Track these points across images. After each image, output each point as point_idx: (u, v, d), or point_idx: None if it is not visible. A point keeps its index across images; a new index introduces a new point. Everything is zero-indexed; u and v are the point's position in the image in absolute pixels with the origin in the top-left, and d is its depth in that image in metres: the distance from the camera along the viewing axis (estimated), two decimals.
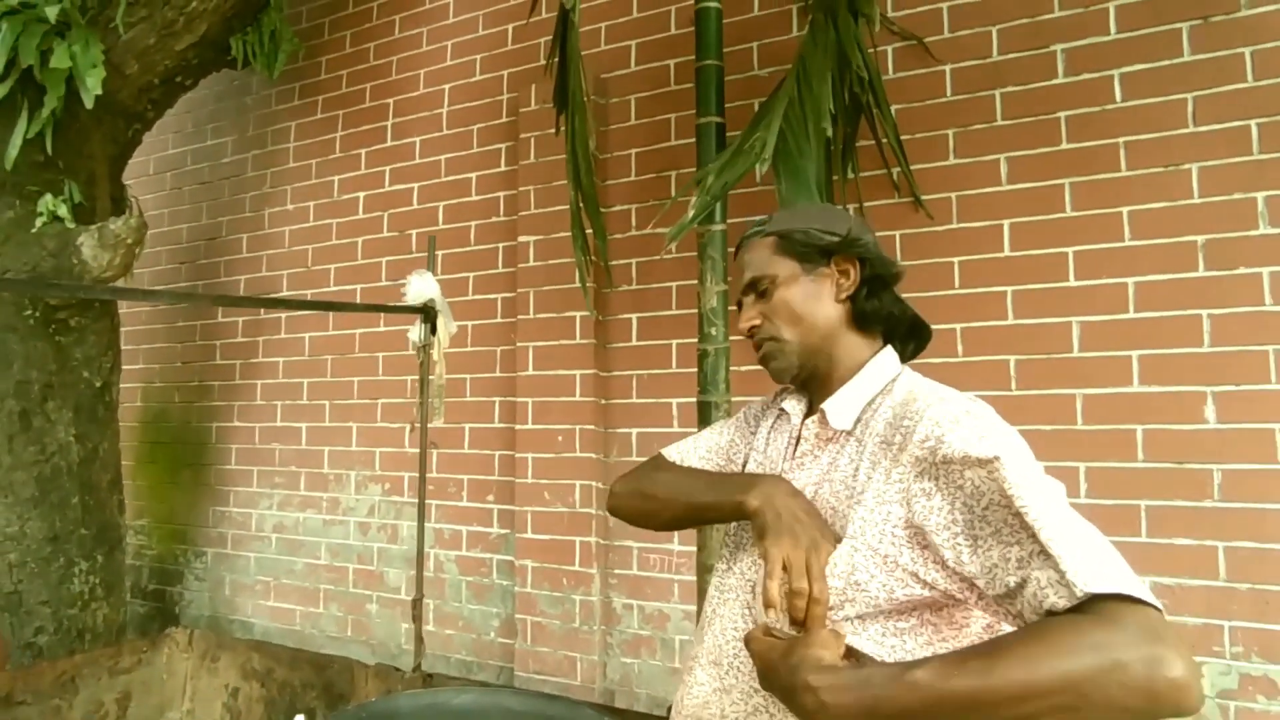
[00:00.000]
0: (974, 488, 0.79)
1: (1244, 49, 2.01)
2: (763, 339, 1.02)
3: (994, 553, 0.76)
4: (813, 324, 0.99)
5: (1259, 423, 1.93)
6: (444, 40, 3.26)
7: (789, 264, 1.01)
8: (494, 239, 3.05)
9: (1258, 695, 1.89)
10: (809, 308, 0.99)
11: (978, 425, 0.83)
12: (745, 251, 1.07)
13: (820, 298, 1.00)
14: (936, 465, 0.82)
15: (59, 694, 1.73)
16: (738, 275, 1.08)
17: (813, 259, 1.00)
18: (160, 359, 3.85)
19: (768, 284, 1.02)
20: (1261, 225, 1.97)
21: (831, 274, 1.00)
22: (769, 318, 1.01)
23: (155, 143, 3.82)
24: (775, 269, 1.01)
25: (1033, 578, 0.72)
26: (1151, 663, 0.62)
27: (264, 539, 3.48)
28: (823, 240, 0.99)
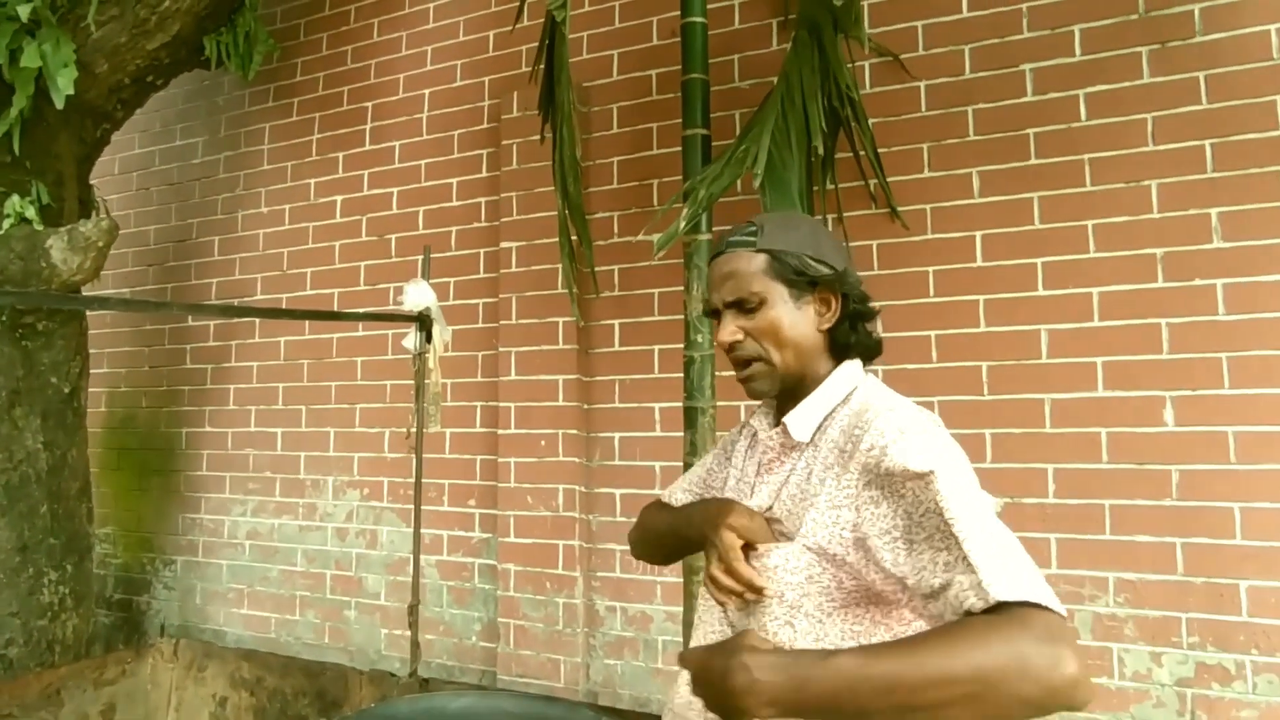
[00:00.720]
0: (914, 497, 0.85)
1: (1199, 73, 2.13)
2: (745, 357, 1.03)
3: (924, 556, 0.83)
4: (796, 350, 1.01)
5: (1214, 425, 2.05)
6: (424, 45, 3.26)
7: (778, 287, 1.01)
8: (475, 244, 3.06)
9: (1213, 683, 2.00)
10: (795, 334, 1.01)
11: (919, 439, 0.89)
12: (730, 261, 1.04)
13: (804, 325, 1.02)
14: (880, 475, 0.88)
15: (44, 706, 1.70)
16: (715, 284, 1.05)
17: (801, 287, 1.01)
18: (127, 363, 3.77)
19: (755, 304, 1.01)
20: (1215, 240, 2.09)
21: (814, 303, 1.03)
22: (753, 336, 1.02)
23: (121, 142, 3.74)
24: (765, 290, 1.01)
25: (955, 581, 0.79)
26: (1052, 660, 0.70)
27: (237, 546, 3.43)
28: (814, 272, 1.01)
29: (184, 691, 1.91)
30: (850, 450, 0.93)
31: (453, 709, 1.55)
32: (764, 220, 1.06)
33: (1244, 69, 2.09)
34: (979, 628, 0.74)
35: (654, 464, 2.67)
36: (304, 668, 1.83)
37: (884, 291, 2.38)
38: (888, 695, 0.73)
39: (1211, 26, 2.13)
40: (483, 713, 1.55)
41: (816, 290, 1.02)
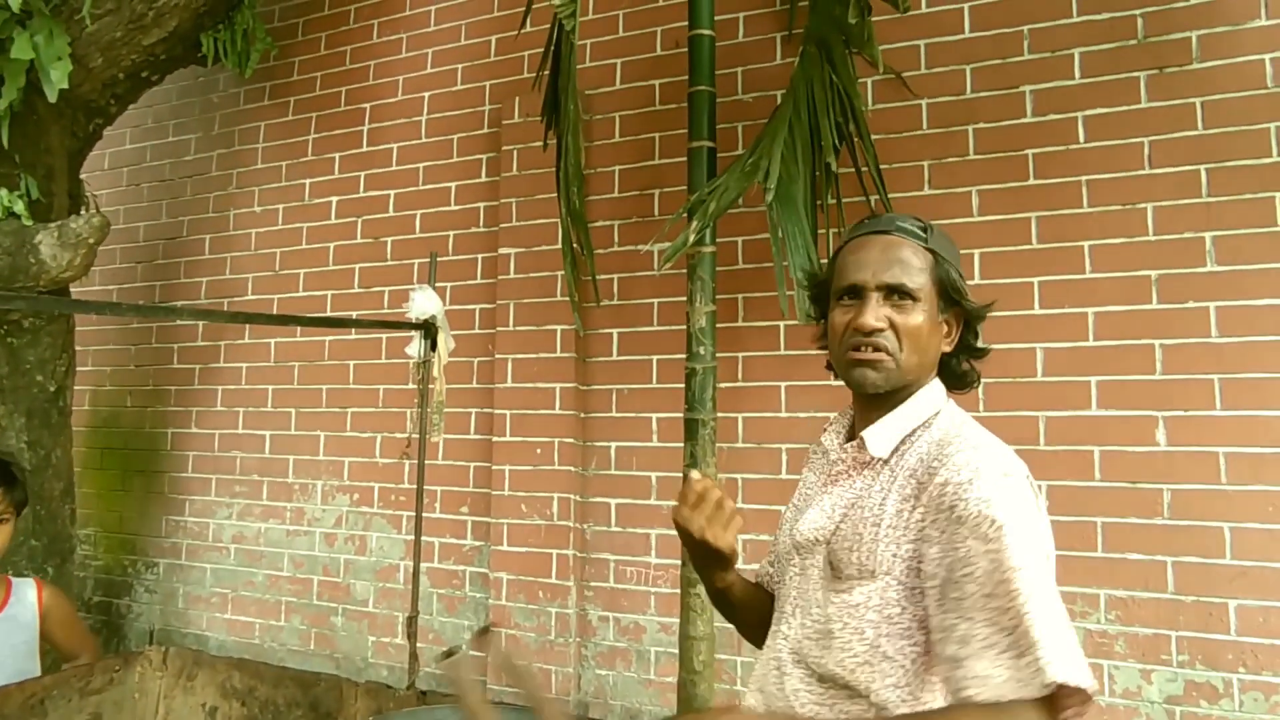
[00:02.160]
0: (965, 553, 0.85)
1: (1195, 99, 2.17)
2: (879, 346, 0.97)
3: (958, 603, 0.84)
4: (922, 361, 0.99)
5: (1205, 446, 2.08)
6: (424, 48, 3.24)
7: (931, 293, 0.99)
8: (473, 250, 3.04)
9: (1201, 700, 2.03)
10: (928, 344, 0.99)
11: (990, 488, 0.87)
12: (897, 247, 1.00)
13: (936, 338, 1.00)
14: (942, 514, 0.88)
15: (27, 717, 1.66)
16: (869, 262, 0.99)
17: (946, 301, 1.00)
18: (113, 361, 3.71)
19: (911, 300, 0.97)
20: (1209, 263, 2.13)
21: (948, 318, 1.01)
22: (896, 330, 0.97)
23: (112, 137, 3.67)
24: (923, 289, 0.98)
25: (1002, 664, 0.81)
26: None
27: (222, 549, 3.38)
28: (964, 290, 1.00)
29: (172, 700, 1.88)
30: (925, 481, 0.92)
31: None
32: (927, 222, 1.04)
33: (1239, 96, 2.13)
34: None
35: (650, 474, 2.67)
36: (297, 678, 1.80)
37: None
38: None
39: (1209, 54, 2.17)
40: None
41: (952, 310, 1.01)
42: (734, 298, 2.59)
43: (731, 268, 2.59)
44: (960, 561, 0.84)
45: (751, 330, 2.57)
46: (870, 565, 0.93)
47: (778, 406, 2.53)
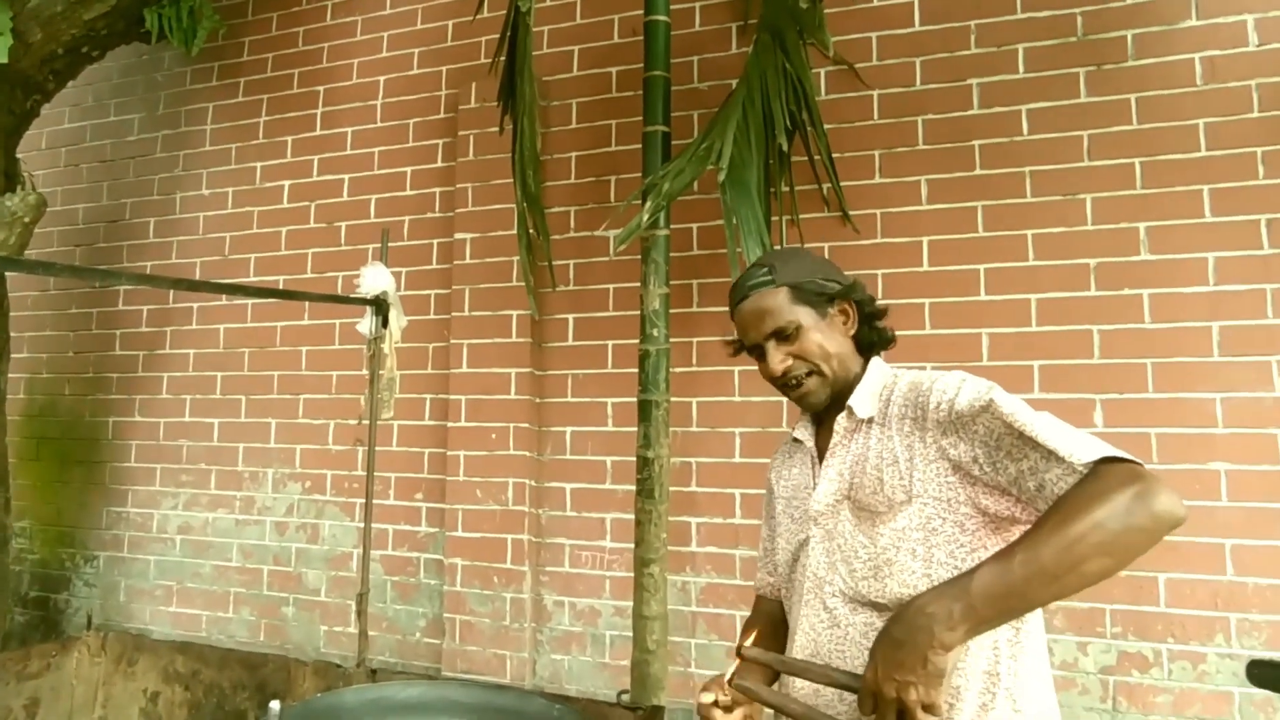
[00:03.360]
0: (985, 428, 1.00)
1: (1130, 95, 2.26)
2: (798, 376, 1.15)
3: (1011, 468, 0.97)
4: (839, 358, 1.15)
5: (1139, 427, 2.17)
6: (380, 31, 3.20)
7: (807, 311, 1.14)
8: (428, 235, 3.01)
9: (1133, 670, 2.12)
10: (832, 345, 1.15)
11: (970, 385, 1.05)
12: (756, 302, 1.16)
13: (835, 335, 1.16)
14: (952, 422, 1.03)
15: None
16: (749, 325, 1.16)
17: (822, 305, 1.15)
18: (49, 348, 3.58)
19: (793, 330, 1.14)
20: (1143, 252, 2.22)
21: (836, 315, 1.17)
22: (800, 358, 1.14)
23: (50, 115, 3.53)
24: (797, 316, 1.14)
25: (1047, 478, 0.93)
26: (1144, 493, 0.85)
27: (167, 541, 3.28)
28: (830, 289, 1.16)
29: (112, 686, 1.82)
30: (921, 416, 1.06)
31: (401, 698, 1.52)
32: (771, 259, 1.21)
33: (1171, 93, 2.23)
34: (1076, 493, 0.88)
35: (606, 459, 2.67)
36: (243, 660, 1.77)
37: None
38: (1034, 581, 0.86)
39: (1143, 52, 2.27)
40: (432, 702, 1.53)
41: (835, 304, 1.17)
42: (688, 283, 2.62)
43: (686, 254, 2.62)
44: (987, 434, 0.99)
45: (705, 315, 2.59)
46: (902, 495, 1.05)
47: (731, 391, 2.56)
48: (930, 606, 0.88)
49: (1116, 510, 0.84)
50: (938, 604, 0.88)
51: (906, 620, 0.89)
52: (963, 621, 0.87)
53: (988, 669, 1.01)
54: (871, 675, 0.90)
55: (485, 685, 1.58)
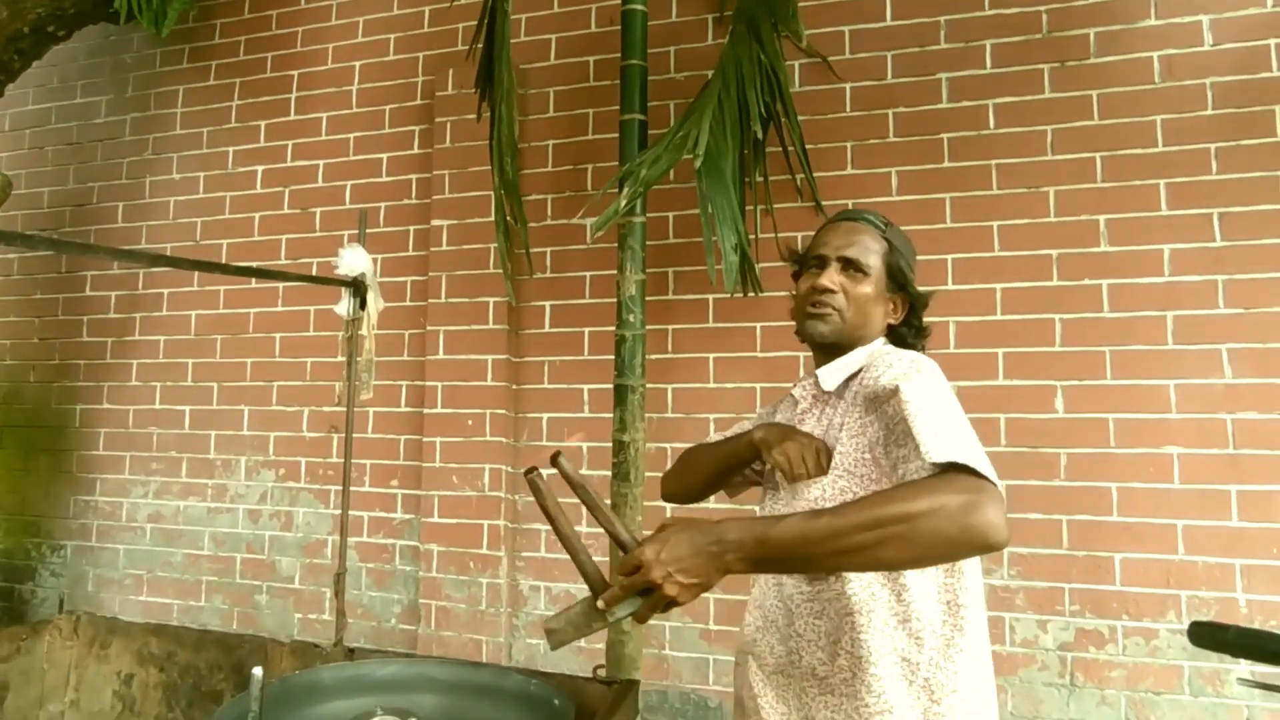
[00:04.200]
0: (891, 412, 1.02)
1: (1092, 91, 2.34)
2: (832, 304, 1.17)
3: (895, 454, 1.00)
4: (865, 323, 1.19)
5: (1097, 413, 2.25)
6: (355, 16, 3.18)
7: (881, 272, 1.19)
8: (405, 221, 3.01)
9: (1090, 646, 2.20)
10: (871, 313, 1.19)
11: (901, 367, 1.07)
12: (859, 230, 1.21)
13: (879, 310, 1.20)
14: (873, 399, 1.08)
15: None
16: (836, 237, 1.21)
17: (894, 283, 1.21)
18: (13, 334, 3.51)
19: (862, 272, 1.18)
20: (1102, 244, 2.29)
21: (893, 300, 1.22)
22: (847, 294, 1.18)
23: (14, 96, 3.46)
24: (875, 267, 1.19)
25: (909, 469, 0.96)
26: (968, 504, 0.85)
27: (136, 529, 3.25)
28: (906, 277, 1.21)
29: (84, 670, 1.81)
30: (872, 397, 1.09)
31: (379, 676, 1.54)
32: (887, 220, 1.26)
33: (1130, 90, 2.30)
34: (910, 484, 0.91)
35: (582, 445, 2.70)
36: (219, 640, 1.77)
37: None
38: (828, 541, 0.87)
39: (1104, 50, 2.34)
40: (409, 679, 1.55)
41: (899, 292, 1.22)
42: (664, 271, 2.65)
43: (662, 241, 2.65)
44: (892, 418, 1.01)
45: (681, 303, 2.63)
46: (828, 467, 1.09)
47: (706, 378, 2.60)
48: (732, 533, 0.89)
49: (933, 510, 0.84)
50: (740, 532, 0.89)
51: (710, 533, 0.90)
52: (751, 556, 0.89)
53: (906, 656, 1.02)
54: (650, 554, 0.89)
55: (462, 663, 1.61)
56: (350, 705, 1.35)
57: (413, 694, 1.49)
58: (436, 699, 1.46)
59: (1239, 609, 2.07)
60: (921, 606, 1.03)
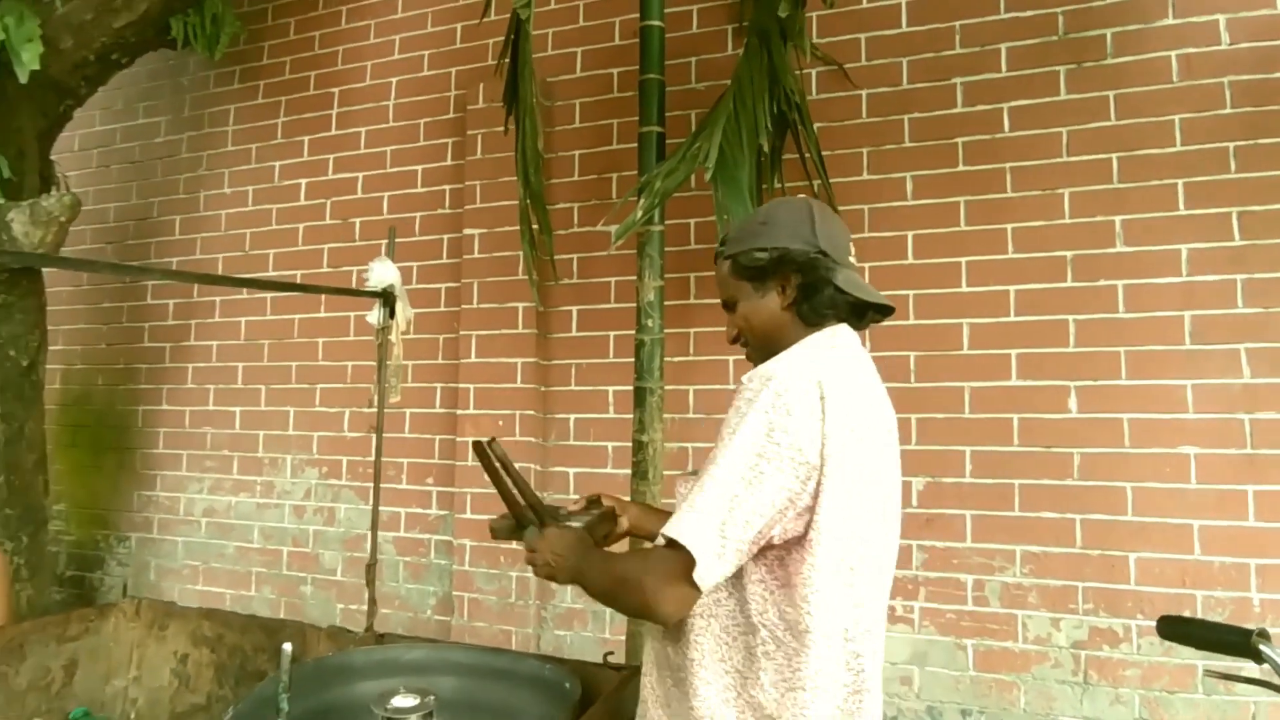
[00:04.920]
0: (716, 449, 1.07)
1: (1108, 92, 2.34)
2: (742, 344, 1.23)
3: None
4: (764, 333, 1.17)
5: (1111, 413, 2.26)
6: (392, 34, 3.33)
7: (743, 285, 1.17)
8: (439, 230, 3.15)
9: (1104, 645, 2.21)
10: (759, 320, 1.16)
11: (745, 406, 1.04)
12: (716, 271, 1.24)
13: (766, 310, 1.15)
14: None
15: (6, 660, 1.76)
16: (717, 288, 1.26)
17: (759, 277, 1.14)
18: (83, 340, 3.77)
19: (732, 304, 1.20)
20: (1118, 244, 2.30)
21: (775, 287, 1.14)
22: (740, 328, 1.20)
23: (82, 119, 3.70)
24: (734, 291, 1.19)
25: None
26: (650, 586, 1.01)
27: (193, 523, 3.46)
28: (758, 262, 1.13)
29: (145, 649, 1.98)
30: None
31: (406, 659, 1.66)
32: (732, 227, 1.25)
33: (1148, 90, 2.31)
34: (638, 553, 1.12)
35: (607, 444, 2.80)
36: (263, 625, 1.92)
37: None
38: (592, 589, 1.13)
39: (1121, 50, 2.34)
40: (434, 663, 1.66)
41: (771, 276, 1.14)
42: (685, 276, 2.73)
43: (683, 248, 2.73)
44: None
45: (702, 307, 2.71)
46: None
47: (726, 379, 2.67)
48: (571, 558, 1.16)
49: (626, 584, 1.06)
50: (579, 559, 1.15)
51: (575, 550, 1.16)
52: (572, 580, 1.16)
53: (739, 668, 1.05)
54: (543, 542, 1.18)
55: (483, 648, 1.72)
56: (377, 685, 1.46)
57: (436, 676, 1.60)
58: (457, 680, 1.57)
59: (1253, 609, 2.06)
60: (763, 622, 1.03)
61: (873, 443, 1.07)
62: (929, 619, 2.37)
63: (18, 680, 1.78)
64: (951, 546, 2.36)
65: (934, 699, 2.34)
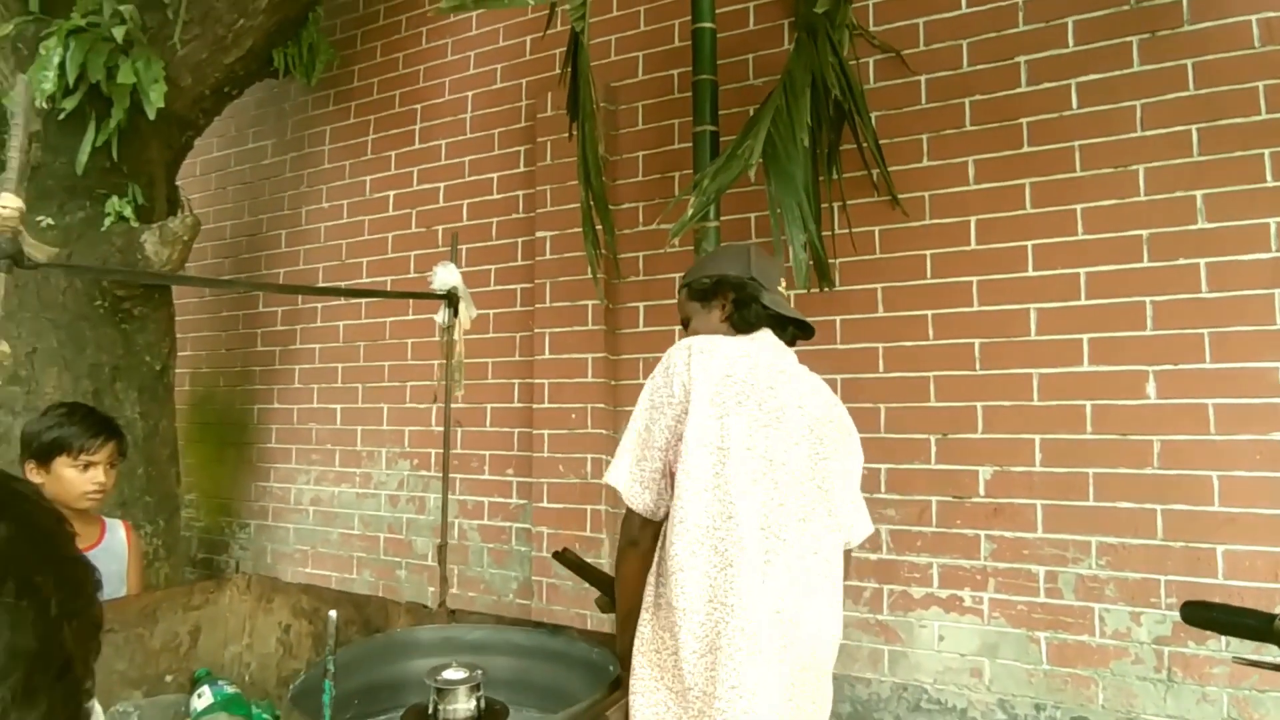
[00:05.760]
0: None
1: (1187, 60, 2.23)
2: None
3: None
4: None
5: (1194, 398, 2.15)
6: (467, 51, 3.53)
7: (694, 305, 1.57)
8: (513, 234, 3.32)
9: (1189, 641, 2.11)
10: (706, 329, 1.53)
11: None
12: (677, 297, 1.65)
13: (712, 321, 1.55)
14: None
15: (141, 624, 2.02)
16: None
17: (705, 298, 1.55)
18: (206, 346, 4.18)
19: (687, 320, 1.59)
20: (1200, 221, 2.19)
21: (717, 306, 1.54)
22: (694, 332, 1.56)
23: (201, 146, 4.12)
24: (688, 311, 1.60)
25: None
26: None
27: (302, 511, 3.79)
28: (704, 285, 1.55)
29: (255, 620, 2.22)
30: None
31: (469, 638, 1.77)
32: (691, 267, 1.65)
33: (1229, 56, 2.18)
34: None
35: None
36: (353, 599, 2.11)
37: (884, 274, 2.55)
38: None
39: (1199, 16, 2.22)
40: (495, 642, 1.76)
41: (714, 297, 1.54)
42: None
43: (743, 241, 2.77)
44: None
45: None
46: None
47: None
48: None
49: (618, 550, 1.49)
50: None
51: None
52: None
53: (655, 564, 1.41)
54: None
55: (541, 629, 1.84)
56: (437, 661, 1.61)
57: (495, 655, 1.70)
58: (512, 661, 1.69)
59: None
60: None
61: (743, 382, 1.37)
62: (999, 610, 2.33)
63: (152, 642, 2.04)
64: (1021, 537, 2.31)
65: (1006, 692, 2.30)
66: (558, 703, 1.55)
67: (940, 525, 2.41)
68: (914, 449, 2.46)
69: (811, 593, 1.32)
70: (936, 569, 2.40)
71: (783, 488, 1.35)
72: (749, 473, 1.33)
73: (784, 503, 1.35)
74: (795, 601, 1.29)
